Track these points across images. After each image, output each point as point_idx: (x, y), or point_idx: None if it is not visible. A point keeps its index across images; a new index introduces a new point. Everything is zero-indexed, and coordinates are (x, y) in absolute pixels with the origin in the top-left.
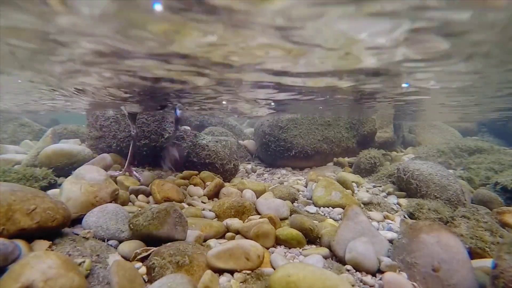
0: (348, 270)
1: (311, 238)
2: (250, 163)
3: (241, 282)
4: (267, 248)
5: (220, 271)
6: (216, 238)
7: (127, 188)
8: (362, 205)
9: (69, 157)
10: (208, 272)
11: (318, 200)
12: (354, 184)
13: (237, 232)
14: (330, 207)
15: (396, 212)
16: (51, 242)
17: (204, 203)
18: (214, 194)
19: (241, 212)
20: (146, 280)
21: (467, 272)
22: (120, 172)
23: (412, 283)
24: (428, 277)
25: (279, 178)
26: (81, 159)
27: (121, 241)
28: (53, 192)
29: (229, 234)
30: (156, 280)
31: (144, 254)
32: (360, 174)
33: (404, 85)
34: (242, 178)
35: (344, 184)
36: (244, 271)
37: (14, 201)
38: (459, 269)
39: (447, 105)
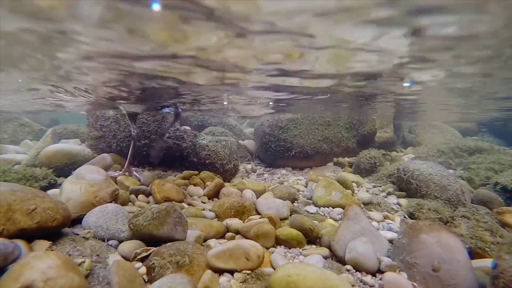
0: (348, 270)
1: (311, 238)
2: (250, 163)
3: (241, 282)
4: (267, 248)
5: (220, 271)
6: (216, 238)
7: (127, 188)
8: (362, 205)
9: (69, 157)
10: (208, 272)
11: (318, 200)
12: (354, 184)
13: (237, 232)
14: (330, 207)
15: (396, 212)
16: (51, 242)
17: (204, 203)
18: (214, 194)
19: (241, 212)
20: (146, 280)
21: (467, 272)
22: (120, 172)
23: (412, 283)
24: (428, 277)
25: (279, 178)
26: (81, 159)
27: (121, 241)
28: (53, 192)
29: (229, 234)
30: (156, 280)
31: (144, 254)
32: (360, 174)
33: (406, 84)
34: (242, 178)
35: (344, 184)
36: (244, 271)
37: (14, 201)
38: (459, 269)
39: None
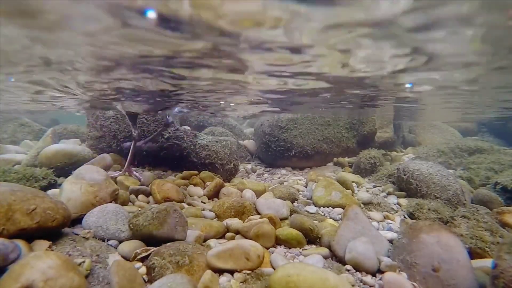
0: (348, 270)
1: (311, 238)
2: (250, 163)
3: (241, 282)
4: (267, 248)
5: (220, 271)
6: (216, 238)
7: (127, 188)
8: (362, 205)
9: (69, 157)
10: (208, 272)
11: (318, 200)
12: (354, 184)
13: (237, 232)
14: (330, 207)
15: (396, 212)
16: (51, 242)
17: (204, 203)
18: (214, 194)
19: (241, 212)
20: (146, 280)
21: (467, 272)
22: (120, 172)
23: (412, 283)
24: (428, 277)
25: (279, 178)
26: (81, 159)
27: (121, 241)
28: (53, 192)
29: (229, 234)
30: (156, 280)
31: (144, 254)
32: (360, 174)
33: (408, 85)
34: (242, 178)
35: (344, 184)
36: (244, 271)
37: (14, 201)
38: (459, 269)
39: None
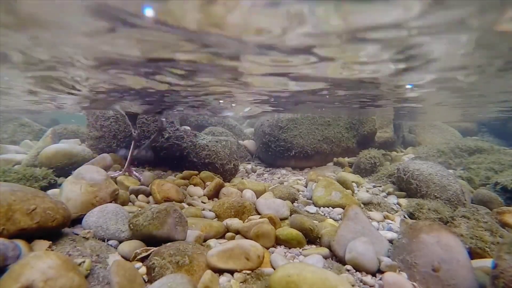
0: (348, 270)
1: (311, 238)
2: (250, 163)
3: (241, 282)
4: (267, 248)
5: (220, 271)
6: (216, 238)
7: (127, 188)
8: (362, 205)
9: (69, 157)
10: (208, 272)
11: (318, 200)
12: (354, 184)
13: (237, 232)
14: (330, 207)
15: (396, 212)
16: (51, 242)
17: (204, 203)
18: (214, 194)
19: (241, 212)
20: (146, 280)
21: (467, 272)
22: (120, 172)
23: (412, 283)
24: (428, 277)
25: (279, 178)
26: (81, 159)
27: (121, 241)
28: (53, 192)
29: (229, 234)
30: (156, 280)
31: (144, 254)
32: (360, 174)
33: (408, 86)
34: (242, 178)
35: (344, 184)
36: (244, 271)
37: (14, 201)
38: (459, 269)
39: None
